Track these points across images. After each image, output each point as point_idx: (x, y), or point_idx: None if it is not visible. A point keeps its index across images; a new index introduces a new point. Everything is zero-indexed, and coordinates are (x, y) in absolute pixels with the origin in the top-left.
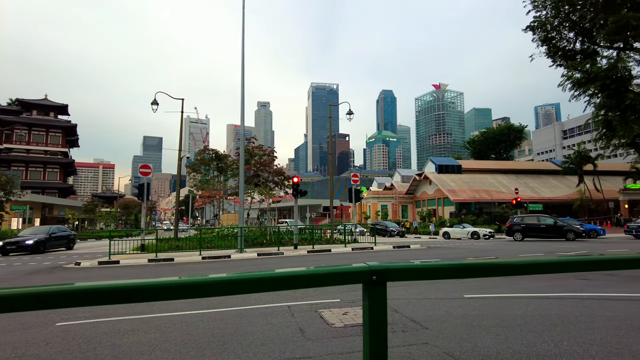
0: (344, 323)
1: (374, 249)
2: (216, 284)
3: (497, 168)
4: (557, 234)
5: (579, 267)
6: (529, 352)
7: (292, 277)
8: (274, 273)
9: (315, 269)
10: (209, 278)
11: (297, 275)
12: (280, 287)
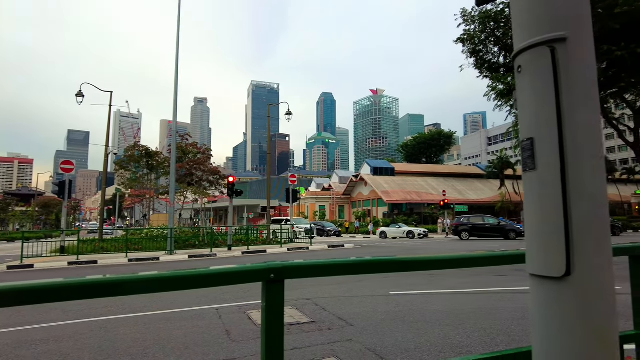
0: None
1: (309, 248)
2: (100, 285)
3: (428, 171)
4: (500, 234)
5: (455, 264)
6: (444, 344)
7: (190, 277)
8: (172, 274)
9: (215, 268)
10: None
11: (195, 275)
12: (177, 288)
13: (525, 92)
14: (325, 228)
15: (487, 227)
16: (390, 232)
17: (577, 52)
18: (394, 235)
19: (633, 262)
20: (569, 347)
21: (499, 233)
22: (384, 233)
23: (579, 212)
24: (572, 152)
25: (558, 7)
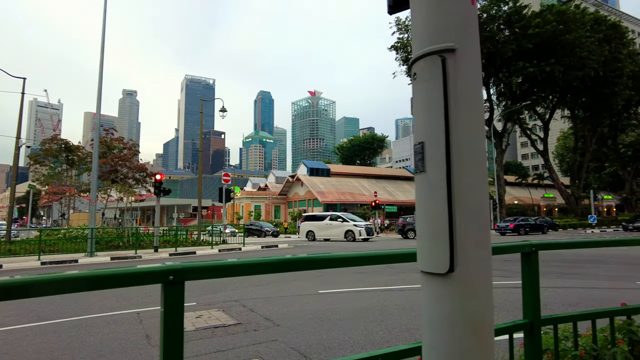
0: (196, 326)
1: (242, 249)
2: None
3: (361, 173)
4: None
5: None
6: (367, 340)
7: (79, 279)
8: (62, 275)
9: (112, 270)
10: None
11: (85, 277)
12: (69, 290)
13: (418, 98)
14: (263, 228)
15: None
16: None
17: (464, 63)
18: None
19: (523, 258)
20: (451, 339)
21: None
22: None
23: (461, 212)
24: (457, 156)
25: (449, 20)
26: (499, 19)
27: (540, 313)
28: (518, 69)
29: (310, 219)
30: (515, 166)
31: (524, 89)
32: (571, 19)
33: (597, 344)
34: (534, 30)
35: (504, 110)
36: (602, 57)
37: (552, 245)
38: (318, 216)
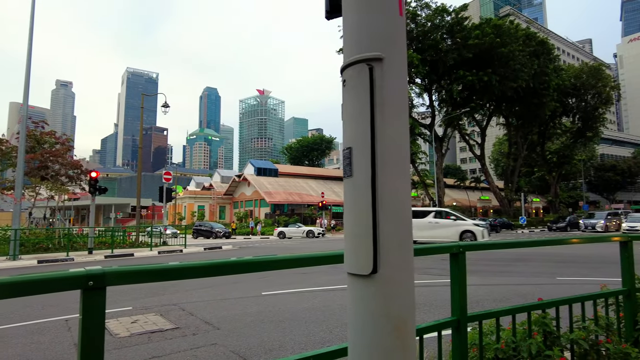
0: (130, 332)
1: (183, 251)
2: None
3: (309, 173)
4: None
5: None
6: (307, 341)
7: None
8: None
9: (26, 275)
10: None
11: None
12: None
13: (347, 104)
14: (214, 229)
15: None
16: (290, 232)
17: (391, 72)
18: (294, 235)
19: (452, 258)
20: (374, 339)
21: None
22: (282, 233)
23: (385, 215)
24: (381, 161)
25: (377, 30)
26: (442, 28)
27: (467, 310)
28: (459, 77)
29: None
30: (455, 169)
31: (464, 97)
32: (506, 33)
33: (517, 337)
34: (474, 41)
35: (445, 116)
36: (532, 70)
37: (478, 246)
38: (417, 212)
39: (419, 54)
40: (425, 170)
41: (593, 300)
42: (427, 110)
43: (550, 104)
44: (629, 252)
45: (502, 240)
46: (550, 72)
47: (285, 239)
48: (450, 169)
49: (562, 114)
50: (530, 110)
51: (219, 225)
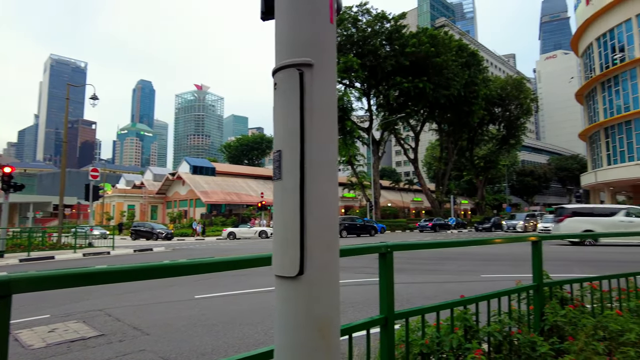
0: (46, 342)
1: (110, 253)
2: None
3: (249, 173)
4: (365, 231)
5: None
6: (242, 344)
7: None
8: None
9: None
10: None
11: None
12: None
13: (278, 107)
14: (155, 230)
15: (358, 226)
16: (241, 232)
17: (321, 78)
18: (246, 235)
19: (380, 258)
20: (299, 340)
21: (365, 230)
22: (233, 234)
23: (312, 218)
24: (310, 164)
25: (308, 36)
26: (381, 34)
27: (394, 308)
28: (395, 84)
29: (581, 214)
30: (390, 172)
31: (400, 102)
32: (441, 43)
33: (441, 332)
34: (411, 49)
35: (382, 121)
36: (463, 80)
37: (405, 246)
38: (598, 211)
39: (359, 58)
40: (363, 172)
41: (508, 296)
42: (366, 114)
43: (479, 112)
44: (538, 251)
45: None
46: (479, 83)
47: (236, 239)
48: (386, 171)
49: (489, 122)
50: (460, 118)
51: (161, 225)
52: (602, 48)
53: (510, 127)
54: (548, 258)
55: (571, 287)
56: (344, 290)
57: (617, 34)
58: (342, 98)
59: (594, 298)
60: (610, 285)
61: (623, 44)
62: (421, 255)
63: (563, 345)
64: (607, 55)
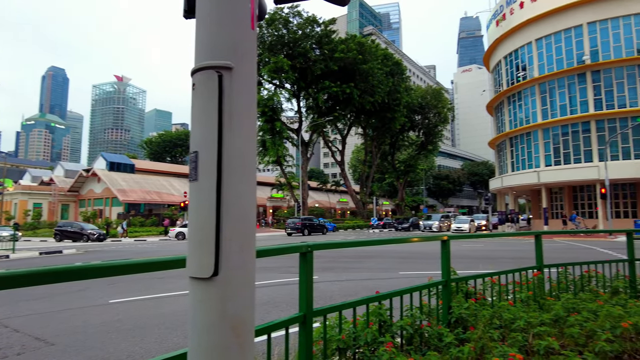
0: None
1: (10, 257)
2: None
3: (171, 171)
4: (320, 230)
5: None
6: (160, 348)
7: None
8: None
9: None
10: None
11: None
12: None
13: (196, 108)
14: (85, 230)
15: (315, 225)
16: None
17: (240, 81)
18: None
19: (300, 257)
20: (212, 340)
21: (320, 229)
22: (182, 234)
23: (229, 219)
24: (227, 166)
25: (228, 40)
26: (312, 38)
27: (313, 306)
28: (324, 87)
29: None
30: (318, 173)
31: (329, 106)
32: (368, 50)
33: (357, 328)
34: (340, 55)
35: (311, 123)
36: (387, 88)
37: (325, 245)
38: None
39: (289, 59)
40: (292, 172)
41: (419, 291)
42: (296, 115)
43: (401, 119)
44: (447, 249)
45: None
46: (402, 91)
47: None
48: (315, 172)
49: (409, 129)
50: (384, 123)
51: (91, 225)
52: (508, 66)
53: (428, 134)
54: (458, 256)
55: (475, 282)
56: (269, 290)
57: (521, 55)
58: (272, 98)
59: (494, 291)
60: (507, 279)
61: (525, 63)
62: (345, 254)
63: (465, 335)
64: (513, 72)
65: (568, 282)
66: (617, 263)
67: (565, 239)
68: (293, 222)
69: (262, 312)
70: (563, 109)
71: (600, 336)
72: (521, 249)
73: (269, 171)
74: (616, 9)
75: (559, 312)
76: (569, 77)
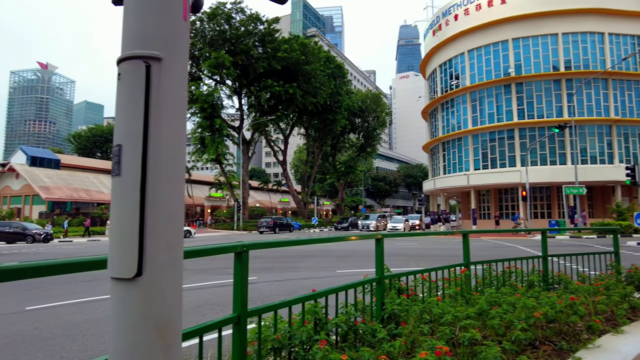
0: None
1: None
2: None
3: (102, 168)
4: (286, 228)
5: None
6: (83, 357)
7: None
8: None
9: None
10: None
11: None
12: None
13: (121, 99)
14: (29, 230)
15: (284, 224)
16: None
17: (170, 74)
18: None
19: (235, 257)
20: (135, 341)
21: (287, 228)
22: None
23: (154, 217)
24: (154, 161)
25: (158, 30)
26: (255, 35)
27: (247, 306)
28: (267, 86)
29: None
30: (260, 173)
31: (271, 105)
32: (311, 52)
33: (294, 327)
34: (283, 54)
35: (253, 121)
36: (329, 90)
37: (262, 244)
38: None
39: (231, 56)
40: (232, 171)
41: (354, 289)
42: (237, 113)
43: (342, 121)
44: (381, 247)
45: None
46: (343, 94)
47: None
48: (256, 171)
49: (350, 131)
50: (326, 125)
51: (35, 225)
52: (443, 74)
53: (368, 137)
54: (394, 254)
55: (407, 279)
56: (205, 292)
57: (454, 64)
58: (212, 94)
59: (425, 287)
60: (437, 275)
61: (458, 73)
62: (286, 253)
63: (398, 330)
64: (447, 80)
65: (492, 277)
66: (533, 259)
67: (493, 237)
68: (265, 221)
69: (198, 314)
70: (491, 116)
71: (516, 326)
72: (452, 247)
73: (208, 169)
74: (535, 28)
75: (482, 305)
76: (497, 88)
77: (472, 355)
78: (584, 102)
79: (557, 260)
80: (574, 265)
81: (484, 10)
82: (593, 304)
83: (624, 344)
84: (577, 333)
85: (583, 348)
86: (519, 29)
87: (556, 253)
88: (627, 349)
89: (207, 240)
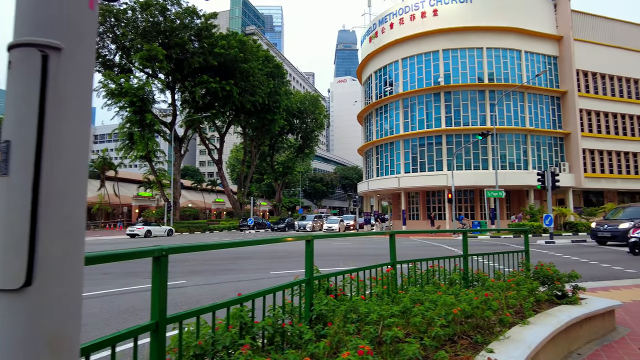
0: None
1: None
2: None
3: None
4: (262, 227)
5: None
6: None
7: None
8: None
9: None
10: None
11: None
12: None
13: (12, 90)
14: None
15: (261, 223)
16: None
17: (72, 66)
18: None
19: (154, 262)
20: (24, 357)
21: (263, 226)
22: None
23: (48, 220)
24: (50, 160)
25: (59, 17)
26: (191, 29)
27: (166, 312)
28: (202, 82)
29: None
30: (193, 171)
31: (207, 102)
32: (249, 50)
33: (217, 332)
34: (220, 50)
35: (187, 118)
36: (268, 89)
37: (181, 248)
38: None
39: (164, 49)
40: (163, 169)
41: (283, 290)
42: (169, 108)
43: (280, 121)
44: (310, 249)
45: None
46: (282, 94)
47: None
48: (189, 170)
49: (288, 132)
50: (264, 124)
51: None
52: (378, 80)
53: (305, 138)
54: (327, 254)
55: (335, 279)
56: (131, 297)
57: (389, 71)
58: (142, 88)
59: (353, 287)
60: (364, 275)
61: (392, 79)
62: (218, 256)
63: (324, 331)
64: (381, 86)
65: (416, 276)
66: (455, 258)
67: (421, 237)
68: (246, 221)
69: (120, 320)
70: (421, 123)
71: (436, 322)
72: (384, 247)
73: (137, 167)
74: (464, 41)
75: (406, 304)
76: (427, 95)
77: (395, 352)
78: (504, 112)
79: (476, 258)
80: (492, 263)
81: (417, 21)
82: (505, 299)
83: (529, 334)
84: (491, 326)
85: (495, 340)
86: (449, 41)
87: (476, 252)
88: (532, 338)
89: (134, 242)
